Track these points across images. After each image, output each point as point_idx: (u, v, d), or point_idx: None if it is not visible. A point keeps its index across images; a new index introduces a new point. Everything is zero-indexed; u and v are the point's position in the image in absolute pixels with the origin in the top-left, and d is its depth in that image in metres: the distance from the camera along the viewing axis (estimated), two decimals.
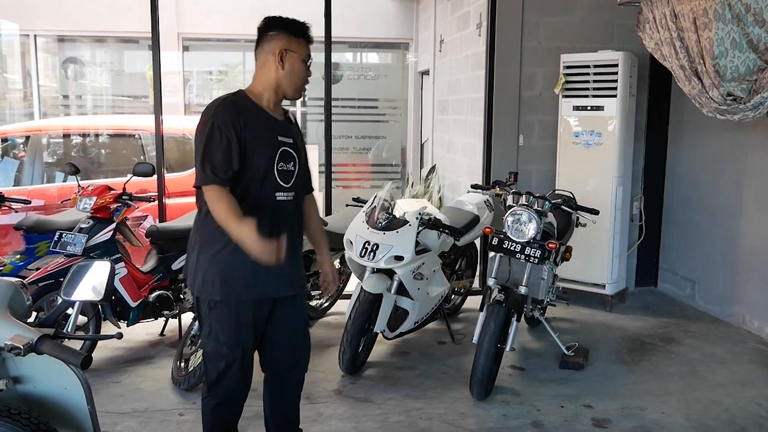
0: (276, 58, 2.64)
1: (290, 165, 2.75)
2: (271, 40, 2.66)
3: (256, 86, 2.72)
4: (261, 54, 2.70)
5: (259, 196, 2.64)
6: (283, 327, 2.84)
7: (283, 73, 2.67)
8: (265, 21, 2.71)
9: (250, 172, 2.61)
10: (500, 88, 5.83)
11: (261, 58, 2.70)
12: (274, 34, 2.66)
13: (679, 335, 5.09)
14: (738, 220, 5.28)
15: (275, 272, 2.61)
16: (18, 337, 1.95)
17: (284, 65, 2.65)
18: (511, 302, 3.93)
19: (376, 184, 9.87)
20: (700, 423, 3.70)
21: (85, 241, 4.14)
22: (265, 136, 2.66)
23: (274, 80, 2.68)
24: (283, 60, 2.65)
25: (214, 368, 2.75)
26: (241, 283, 2.65)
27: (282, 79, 2.68)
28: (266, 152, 2.64)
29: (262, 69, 2.70)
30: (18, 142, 6.72)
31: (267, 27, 2.69)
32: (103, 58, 9.87)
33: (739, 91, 4.32)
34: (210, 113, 2.60)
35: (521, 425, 3.65)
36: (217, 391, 2.79)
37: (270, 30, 2.68)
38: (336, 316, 5.31)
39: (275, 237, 2.53)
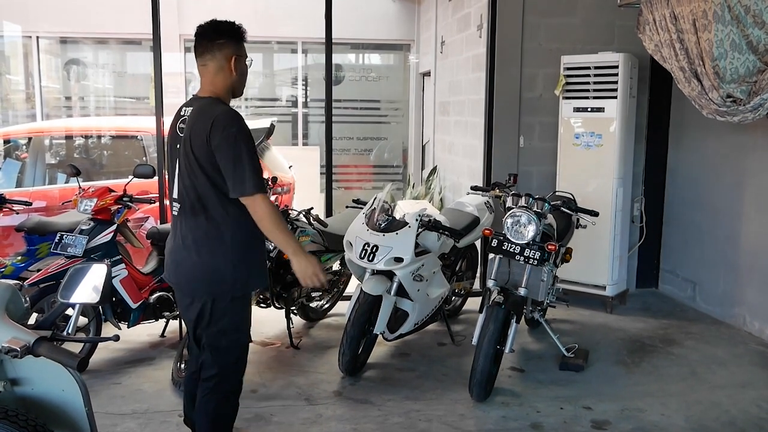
0: (229, 65, 2.81)
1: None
2: (223, 47, 2.81)
3: (219, 92, 2.85)
4: (212, 60, 2.82)
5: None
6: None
7: (236, 77, 2.85)
8: (211, 28, 2.86)
9: None
10: (501, 89, 5.83)
11: (213, 64, 2.82)
12: (224, 42, 2.82)
13: (679, 337, 5.08)
14: (738, 221, 5.27)
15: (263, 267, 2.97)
16: (15, 340, 1.95)
17: (236, 71, 2.84)
18: (511, 304, 3.93)
19: (378, 186, 9.88)
20: (700, 424, 3.69)
21: (86, 243, 4.16)
22: None
23: (230, 85, 2.86)
24: (236, 66, 2.83)
25: (230, 359, 2.88)
26: (255, 276, 2.89)
27: (235, 83, 2.87)
28: None
29: (218, 75, 2.83)
30: (20, 144, 6.74)
31: (216, 34, 2.83)
32: (106, 59, 9.89)
33: (738, 93, 4.32)
34: (239, 123, 2.72)
35: (520, 427, 3.65)
36: (232, 381, 2.92)
37: (220, 38, 2.82)
38: (336, 317, 5.32)
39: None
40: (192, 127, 2.75)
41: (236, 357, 2.92)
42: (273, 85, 10.32)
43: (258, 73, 10.45)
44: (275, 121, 6.95)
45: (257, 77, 10.38)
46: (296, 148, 9.72)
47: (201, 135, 2.69)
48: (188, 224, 2.80)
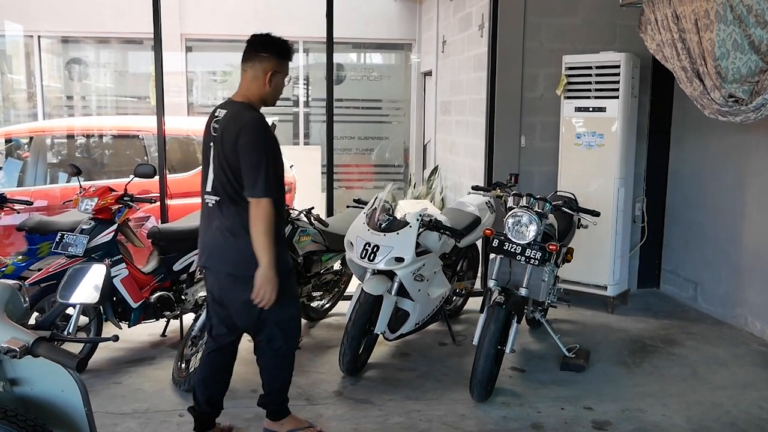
0: (266, 78, 3.09)
1: None
2: (263, 60, 3.08)
3: (252, 98, 3.13)
4: (251, 69, 3.11)
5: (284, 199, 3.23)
6: None
7: (269, 90, 3.12)
8: (259, 40, 3.12)
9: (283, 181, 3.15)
10: (502, 89, 5.82)
11: (251, 72, 3.12)
12: (266, 56, 3.08)
13: (680, 337, 5.08)
14: (740, 222, 5.26)
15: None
16: (14, 340, 1.95)
17: (271, 84, 3.11)
18: (512, 304, 3.92)
19: (379, 185, 9.87)
20: (701, 425, 3.69)
21: (87, 242, 4.15)
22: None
23: (262, 94, 3.13)
24: (271, 80, 3.10)
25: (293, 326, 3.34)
26: (285, 257, 3.24)
27: (267, 94, 3.14)
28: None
29: (253, 82, 3.12)
30: (22, 143, 6.74)
31: (261, 47, 3.10)
32: (107, 58, 9.89)
33: (740, 93, 4.31)
34: (264, 131, 3.03)
35: (521, 427, 3.65)
36: (293, 345, 3.38)
37: (264, 51, 3.09)
38: (336, 317, 5.31)
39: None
40: (225, 130, 3.05)
41: (296, 324, 3.37)
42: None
43: None
44: (276, 120, 6.95)
45: None
46: (297, 148, 9.71)
47: (232, 138, 3.00)
48: (226, 215, 3.10)
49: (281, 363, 3.39)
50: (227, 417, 3.67)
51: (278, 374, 3.40)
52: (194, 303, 4.80)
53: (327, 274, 5.15)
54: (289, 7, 9.19)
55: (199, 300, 4.83)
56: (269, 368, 3.39)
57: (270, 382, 3.42)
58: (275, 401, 3.46)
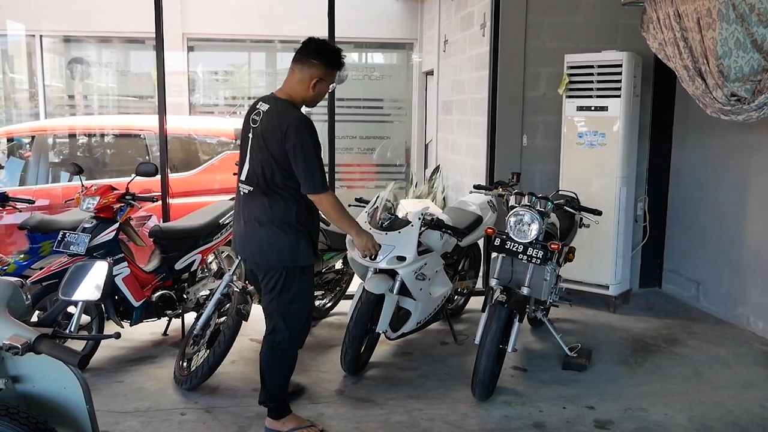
0: (310, 83, 3.22)
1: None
2: (312, 66, 3.21)
3: (294, 97, 3.27)
4: (299, 72, 3.24)
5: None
6: None
7: (311, 95, 3.26)
8: (314, 45, 3.26)
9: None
10: (504, 88, 5.82)
11: (298, 75, 3.25)
12: (316, 63, 3.21)
13: (682, 336, 5.07)
14: (743, 221, 5.26)
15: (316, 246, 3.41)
16: (16, 337, 1.95)
17: (314, 90, 3.24)
18: (514, 303, 3.92)
19: (381, 185, 9.85)
20: (703, 425, 3.68)
21: (88, 241, 4.15)
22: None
23: (304, 96, 3.27)
24: (315, 86, 3.24)
25: (298, 324, 3.38)
26: (313, 252, 3.37)
27: (308, 98, 3.28)
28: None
29: (298, 84, 3.25)
30: (24, 143, 6.75)
31: (314, 53, 3.23)
32: (109, 58, 9.89)
33: (743, 92, 4.30)
34: (311, 131, 3.17)
35: (523, 426, 3.64)
36: (296, 342, 3.44)
37: (315, 58, 3.21)
38: (338, 316, 5.31)
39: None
40: (268, 124, 3.19)
41: (303, 322, 3.41)
42: (276, 84, 10.31)
43: (261, 72, 10.45)
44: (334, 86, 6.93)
45: (260, 76, 10.38)
46: None
47: (276, 134, 3.13)
48: (257, 205, 3.26)
49: (279, 357, 3.42)
50: (229, 416, 3.68)
51: (275, 368, 3.43)
52: (196, 302, 4.81)
53: (328, 273, 5.15)
54: (291, 6, 9.18)
55: (201, 299, 4.83)
56: (267, 360, 3.44)
57: (266, 374, 3.45)
58: (274, 399, 3.47)
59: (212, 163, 6.48)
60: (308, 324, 3.49)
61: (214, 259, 5.22)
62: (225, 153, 6.54)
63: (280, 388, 3.48)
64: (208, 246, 4.79)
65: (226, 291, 4.10)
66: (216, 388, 4.00)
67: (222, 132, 6.99)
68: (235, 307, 3.92)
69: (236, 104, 9.97)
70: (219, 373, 4.01)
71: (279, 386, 3.47)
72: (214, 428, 3.55)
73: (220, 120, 9.04)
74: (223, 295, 4.11)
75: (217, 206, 5.04)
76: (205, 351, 4.03)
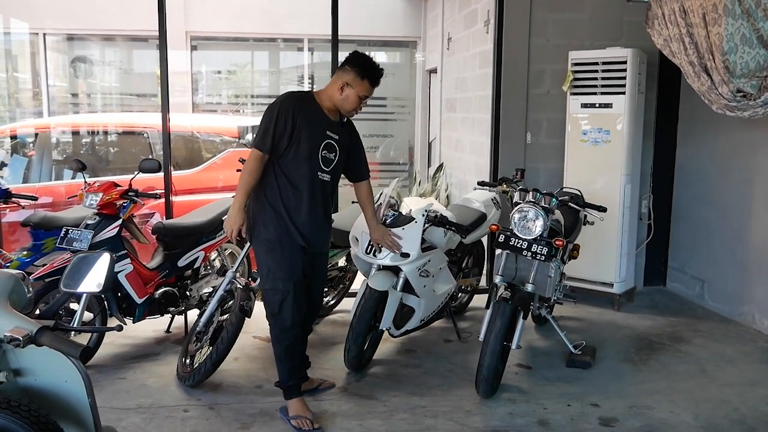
0: (339, 85, 3.46)
1: (332, 155, 3.54)
2: (345, 71, 3.48)
3: (324, 93, 3.54)
4: (336, 75, 3.54)
5: (305, 172, 3.44)
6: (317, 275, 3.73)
7: (339, 98, 3.49)
8: (352, 54, 3.54)
9: (298, 152, 3.41)
10: (508, 85, 5.80)
11: (334, 78, 3.55)
12: (348, 68, 3.47)
13: (687, 334, 5.04)
14: (748, 219, 5.23)
15: (307, 232, 3.48)
16: (17, 329, 1.93)
17: (342, 93, 3.47)
18: (518, 300, 3.90)
19: (384, 183, 9.82)
20: (709, 422, 3.66)
21: (91, 238, 4.14)
22: (315, 128, 3.45)
23: (332, 96, 3.51)
24: (343, 90, 3.46)
25: (273, 300, 3.51)
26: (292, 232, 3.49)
27: (338, 101, 3.50)
28: (314, 140, 3.44)
29: (331, 85, 3.52)
30: (27, 141, 6.75)
31: (348, 60, 3.51)
32: (112, 56, 9.90)
33: (749, 88, 4.27)
34: (280, 99, 3.45)
35: (527, 423, 3.62)
36: (277, 324, 3.54)
37: (348, 64, 3.48)
38: (342, 313, 5.30)
39: (314, 206, 3.49)
40: None
41: (271, 300, 3.56)
42: (279, 82, 10.31)
43: (264, 71, 10.44)
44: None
45: (263, 75, 10.37)
46: None
47: None
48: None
49: (271, 334, 3.63)
50: (232, 413, 3.67)
51: (273, 344, 3.63)
52: (199, 299, 4.80)
53: (332, 270, 5.14)
54: (294, 5, 9.18)
55: (204, 296, 4.83)
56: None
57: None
58: (278, 373, 3.64)
59: (215, 160, 6.48)
60: (278, 306, 3.51)
61: (217, 256, 5.22)
62: (228, 151, 6.54)
63: (281, 368, 3.61)
64: (211, 243, 4.79)
65: (229, 288, 4.09)
66: (219, 385, 3.99)
67: (225, 130, 6.99)
68: (238, 304, 3.91)
69: (239, 102, 9.97)
70: (222, 370, 4.00)
71: (280, 369, 3.61)
72: (217, 425, 3.54)
73: (223, 118, 9.05)
74: (226, 292, 4.10)
75: (220, 203, 5.04)
76: (208, 348, 4.02)
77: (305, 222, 3.48)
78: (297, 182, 3.44)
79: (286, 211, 3.44)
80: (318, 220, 3.53)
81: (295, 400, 3.58)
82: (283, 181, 3.44)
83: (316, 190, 3.49)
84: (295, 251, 3.48)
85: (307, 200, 3.46)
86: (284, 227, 3.45)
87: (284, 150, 3.40)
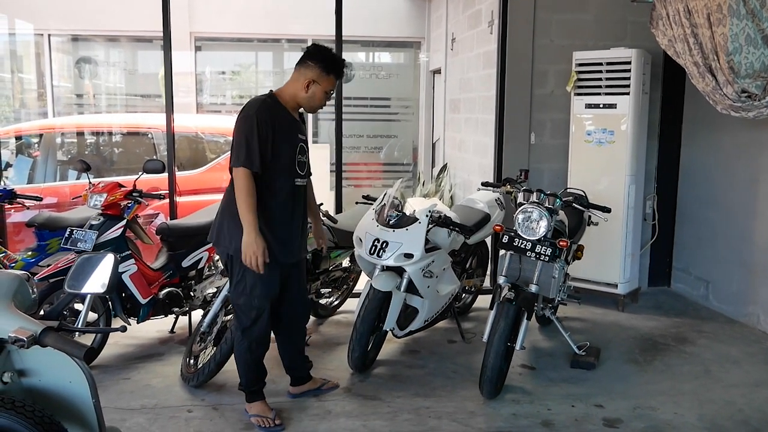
0: (304, 83, 3.31)
1: (304, 157, 3.46)
2: (307, 68, 3.32)
3: (286, 93, 3.37)
4: (296, 72, 3.36)
5: (285, 182, 3.34)
6: (294, 284, 3.60)
7: (305, 96, 3.34)
8: (312, 48, 3.37)
9: (279, 162, 3.28)
10: (512, 86, 5.79)
11: (295, 75, 3.36)
12: (311, 64, 3.31)
13: (692, 335, 5.03)
14: (753, 219, 5.21)
15: (290, 243, 3.40)
16: (22, 330, 1.94)
17: (308, 91, 3.32)
18: (522, 300, 3.89)
19: (388, 183, 9.82)
20: (714, 423, 3.64)
21: (96, 238, 4.15)
22: (288, 134, 3.33)
23: (296, 95, 3.35)
24: (309, 88, 3.32)
25: (243, 310, 3.43)
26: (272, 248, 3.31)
27: (303, 99, 3.36)
28: (290, 147, 3.34)
29: (294, 83, 3.35)
30: (32, 141, 6.77)
31: (310, 55, 3.34)
32: (117, 57, 9.92)
33: (753, 88, 4.26)
34: (253, 110, 3.23)
35: (531, 424, 3.62)
36: (242, 336, 3.48)
37: (311, 60, 3.32)
38: (345, 314, 5.29)
39: (295, 214, 3.40)
40: None
41: (241, 310, 3.49)
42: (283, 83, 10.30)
43: (268, 72, 10.45)
44: None
45: (267, 75, 10.38)
46: None
47: None
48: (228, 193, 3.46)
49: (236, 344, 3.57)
50: (236, 413, 3.67)
51: (239, 352, 3.57)
52: (203, 299, 4.80)
53: (336, 270, 5.13)
54: (298, 5, 9.18)
55: (208, 296, 4.83)
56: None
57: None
58: (241, 378, 3.62)
59: (219, 161, 6.49)
60: (249, 316, 3.44)
61: None
62: None
63: (245, 378, 3.59)
64: None
65: None
66: (223, 386, 3.99)
67: (229, 131, 6.96)
68: None
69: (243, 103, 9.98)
70: (226, 371, 3.99)
71: (244, 376, 3.59)
72: (221, 425, 3.54)
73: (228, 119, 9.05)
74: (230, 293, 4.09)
75: None
76: (212, 348, 4.02)
77: (290, 233, 3.40)
78: (280, 193, 3.33)
79: (277, 224, 3.34)
80: (298, 228, 3.46)
81: (257, 402, 3.60)
82: (270, 194, 3.30)
83: (297, 197, 3.43)
84: (274, 268, 3.34)
85: (289, 211, 3.38)
86: (270, 242, 3.28)
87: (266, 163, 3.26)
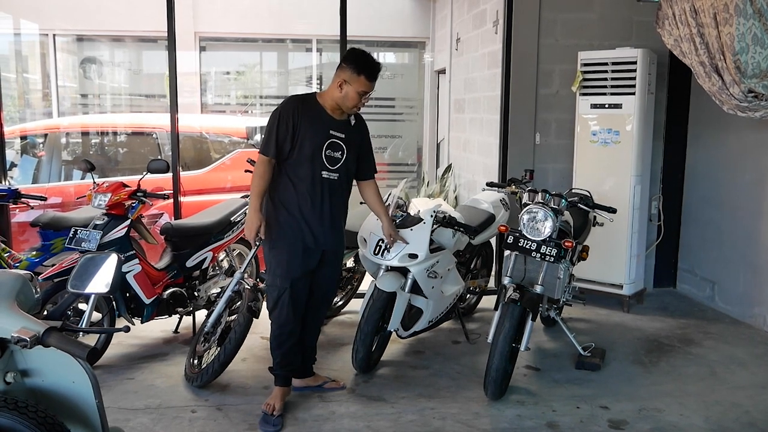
0: (337, 83, 3.53)
1: (338, 153, 3.60)
2: (341, 69, 3.54)
3: (326, 93, 3.62)
4: (335, 74, 3.58)
5: (308, 171, 3.53)
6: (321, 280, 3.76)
7: (339, 96, 3.55)
8: (348, 51, 3.63)
9: (302, 153, 3.50)
10: (517, 86, 5.77)
11: (334, 77, 3.58)
12: (344, 66, 3.53)
13: (697, 336, 5.00)
14: (759, 220, 5.18)
15: (314, 227, 3.56)
16: (25, 330, 1.93)
17: (341, 91, 3.53)
18: (527, 301, 3.87)
19: (392, 184, 9.80)
20: (720, 425, 3.62)
21: (100, 238, 4.14)
22: (315, 128, 3.53)
23: (333, 95, 3.57)
24: (342, 88, 3.52)
25: (272, 296, 3.64)
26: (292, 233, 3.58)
27: (338, 99, 3.56)
28: (315, 140, 3.51)
29: (332, 84, 3.58)
30: (37, 141, 6.78)
31: (345, 58, 3.59)
32: (122, 57, 9.93)
33: (760, 88, 4.23)
34: (282, 105, 3.56)
35: (536, 426, 3.60)
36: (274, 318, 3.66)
37: (344, 61, 3.56)
38: (350, 314, 5.29)
39: (322, 204, 3.56)
40: None
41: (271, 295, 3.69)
42: (288, 83, 10.32)
43: (273, 72, 10.45)
44: None
45: (272, 76, 10.38)
46: None
47: None
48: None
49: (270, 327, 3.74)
50: (240, 413, 3.66)
51: (271, 336, 3.73)
52: (207, 299, 4.80)
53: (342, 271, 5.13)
54: (303, 5, 9.19)
55: (212, 297, 4.83)
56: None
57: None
58: (272, 361, 3.76)
59: (224, 161, 6.49)
60: (276, 303, 3.62)
61: (225, 256, 5.22)
62: (236, 151, 6.55)
63: (274, 360, 3.72)
64: (220, 243, 4.79)
65: (237, 288, 4.09)
66: (227, 386, 3.99)
67: (233, 131, 7.00)
68: (246, 304, 3.91)
69: (248, 103, 9.98)
70: (230, 371, 4.00)
71: (274, 358, 3.73)
72: (225, 426, 3.54)
73: (232, 118, 9.06)
74: (234, 293, 4.10)
75: (229, 204, 5.04)
76: (215, 348, 4.02)
77: (314, 220, 3.56)
78: (304, 181, 3.53)
79: (299, 209, 3.55)
80: (325, 217, 3.59)
81: (278, 387, 3.71)
82: (292, 182, 3.54)
83: (324, 188, 3.57)
84: (296, 250, 3.57)
85: (314, 199, 3.55)
86: (292, 226, 3.55)
87: (288, 152, 3.50)
